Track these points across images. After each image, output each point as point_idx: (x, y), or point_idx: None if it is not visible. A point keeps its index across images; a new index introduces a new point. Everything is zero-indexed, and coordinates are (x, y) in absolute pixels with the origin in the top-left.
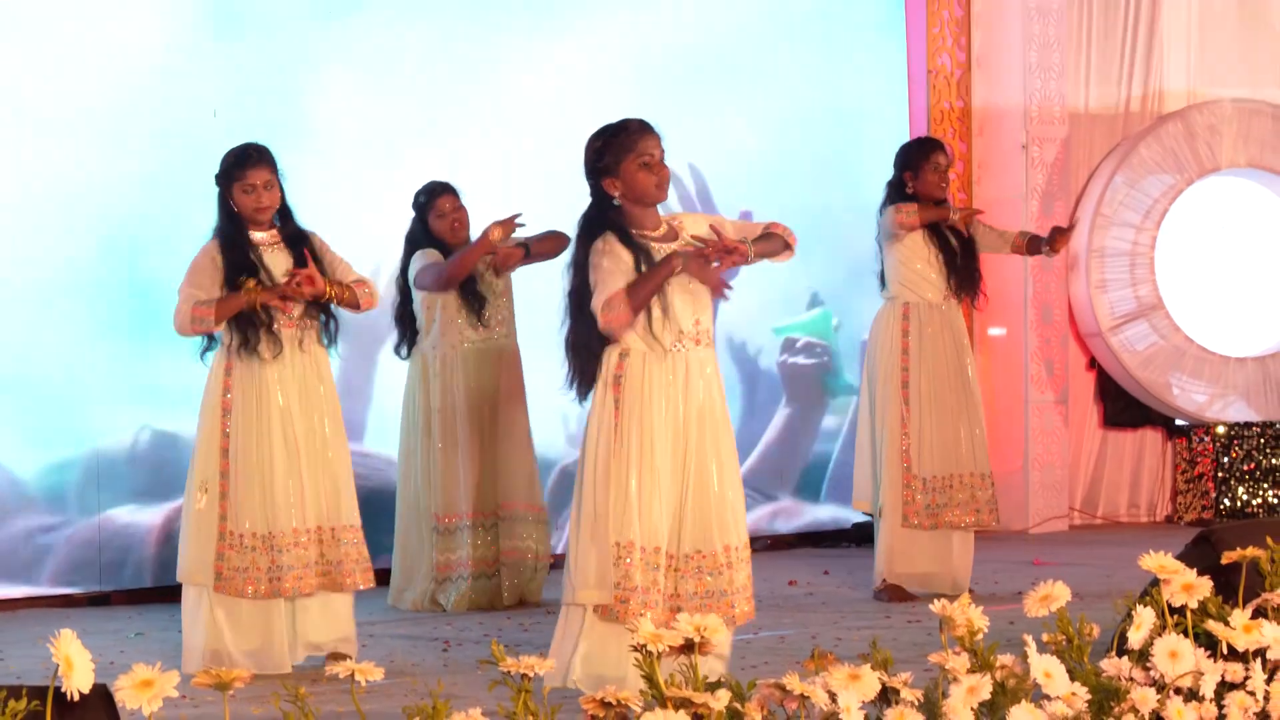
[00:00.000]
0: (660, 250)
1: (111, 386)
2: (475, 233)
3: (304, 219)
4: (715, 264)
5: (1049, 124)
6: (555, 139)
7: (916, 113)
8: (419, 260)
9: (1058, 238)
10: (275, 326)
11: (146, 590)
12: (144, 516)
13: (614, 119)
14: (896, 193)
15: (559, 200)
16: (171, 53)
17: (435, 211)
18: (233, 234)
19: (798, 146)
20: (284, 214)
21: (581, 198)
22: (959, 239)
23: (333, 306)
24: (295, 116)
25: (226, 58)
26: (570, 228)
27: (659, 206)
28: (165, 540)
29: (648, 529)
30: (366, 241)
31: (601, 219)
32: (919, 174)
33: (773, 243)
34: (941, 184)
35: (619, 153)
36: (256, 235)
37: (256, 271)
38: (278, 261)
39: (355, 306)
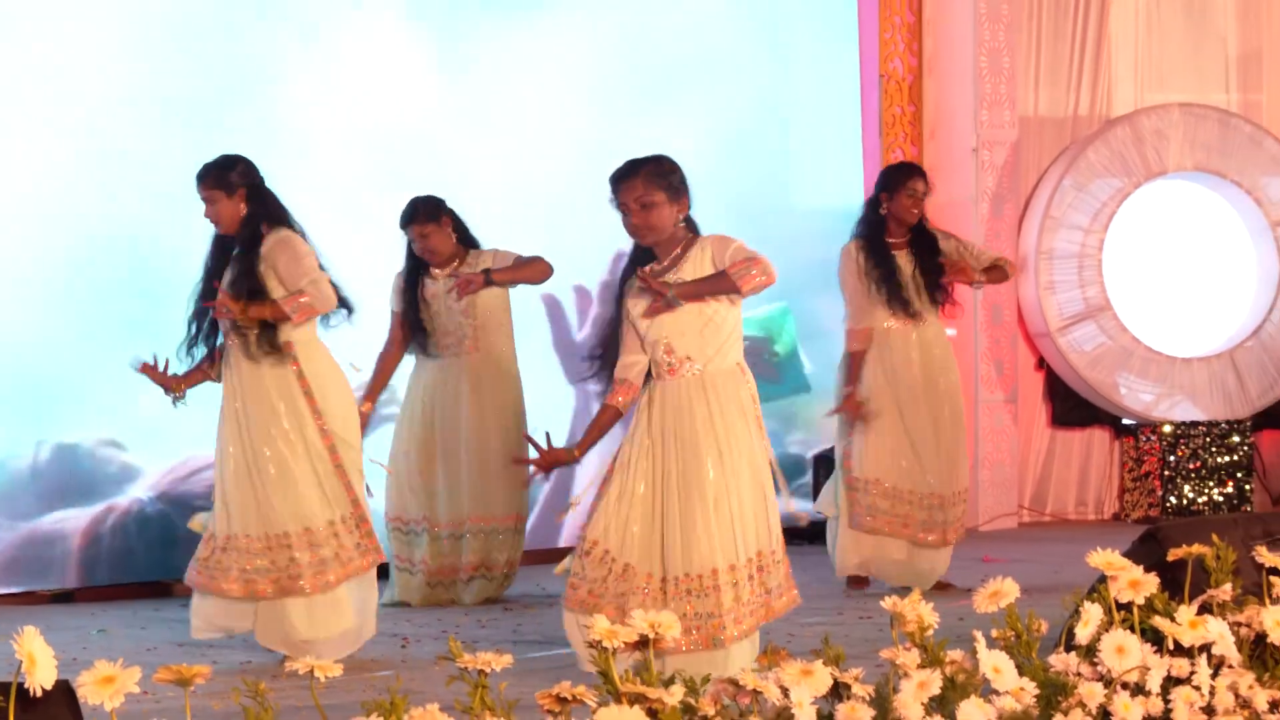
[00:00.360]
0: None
1: (75, 384)
2: (481, 236)
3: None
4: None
5: (999, 128)
6: (505, 141)
7: (869, 117)
8: (391, 291)
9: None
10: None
11: (110, 588)
12: (108, 514)
13: (570, 126)
14: (872, 211)
15: (517, 200)
16: (167, 53)
17: (410, 236)
18: (207, 253)
19: (751, 149)
20: (245, 222)
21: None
22: (921, 258)
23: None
24: (286, 116)
25: (220, 57)
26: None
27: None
28: (127, 538)
29: (616, 537)
30: (357, 240)
31: (635, 253)
32: (894, 196)
33: (714, 283)
34: (914, 209)
35: (615, 204)
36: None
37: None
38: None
39: (286, 319)
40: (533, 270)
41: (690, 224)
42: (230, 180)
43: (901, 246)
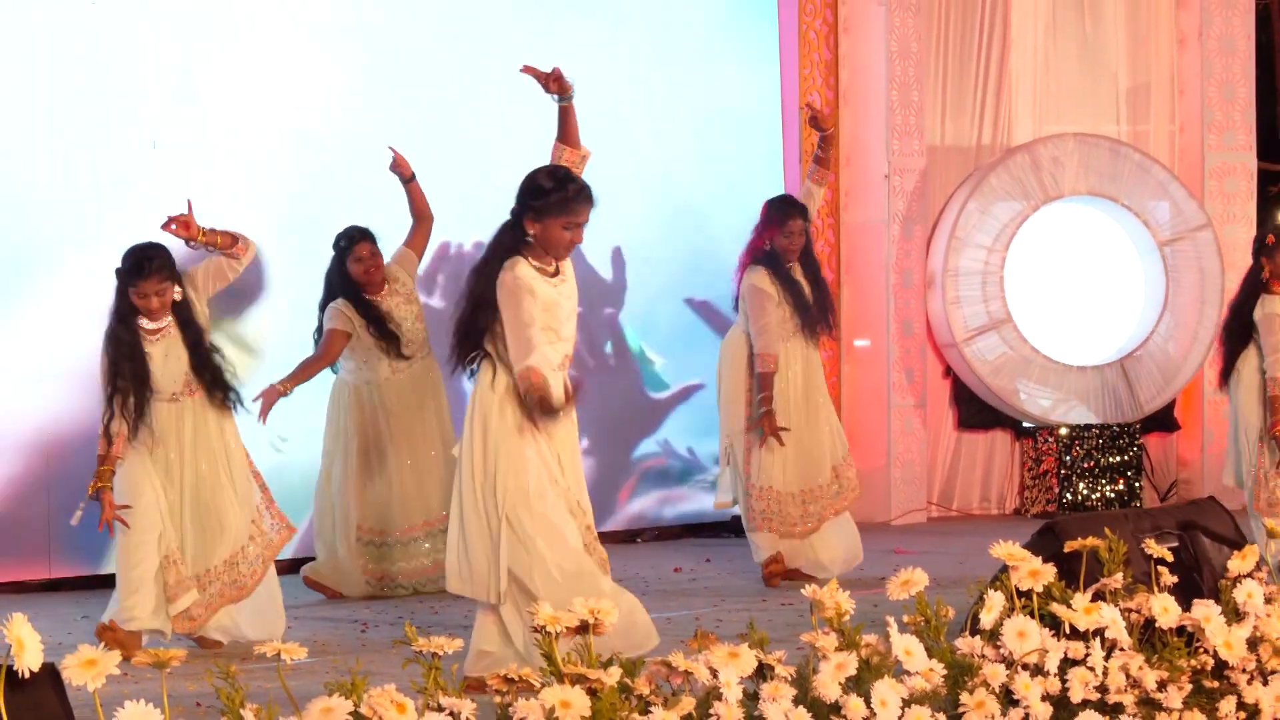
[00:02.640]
0: (552, 285)
1: (64, 376)
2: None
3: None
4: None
5: (909, 156)
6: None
7: (790, 147)
8: (329, 317)
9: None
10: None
11: (94, 577)
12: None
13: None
14: (756, 246)
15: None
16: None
17: (354, 256)
18: (118, 330)
19: (681, 177)
20: (179, 307)
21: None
22: (810, 275)
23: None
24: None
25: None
26: None
27: None
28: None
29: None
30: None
31: (514, 244)
32: (776, 238)
33: None
34: (793, 247)
35: (554, 206)
36: (147, 325)
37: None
38: (159, 351)
39: (231, 247)
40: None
41: None
42: (175, 269)
43: (793, 266)
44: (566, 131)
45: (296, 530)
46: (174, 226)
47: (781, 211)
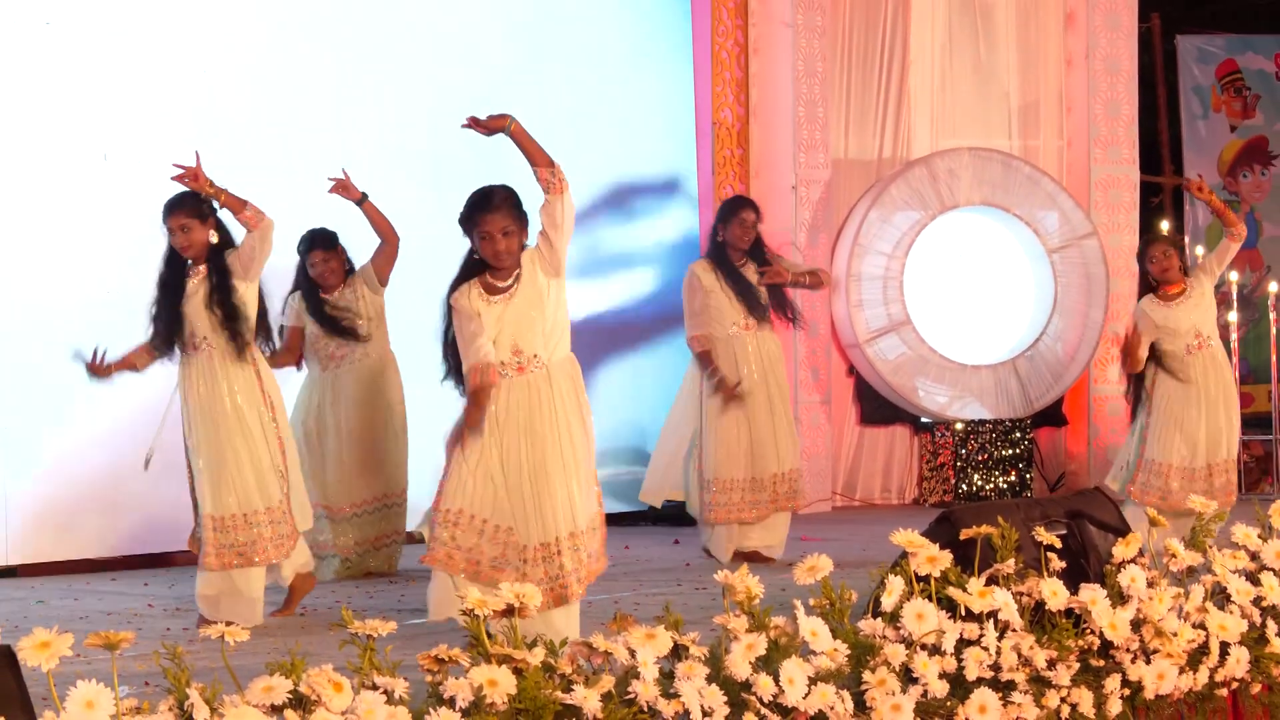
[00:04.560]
0: (499, 303)
1: (13, 371)
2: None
3: None
4: None
5: (814, 168)
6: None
7: (703, 159)
8: (285, 309)
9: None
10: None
11: (49, 564)
12: (47, 494)
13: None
14: (710, 241)
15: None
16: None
17: (310, 260)
18: (168, 257)
19: (603, 188)
20: (215, 254)
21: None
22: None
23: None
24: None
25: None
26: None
27: None
28: (67, 516)
29: (484, 503)
30: None
31: (469, 266)
32: (728, 226)
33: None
34: (744, 236)
35: (469, 221)
36: (191, 265)
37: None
38: (191, 288)
39: (240, 211)
40: (390, 232)
41: (523, 248)
42: (203, 209)
43: (744, 263)
44: (527, 154)
45: (299, 536)
46: (186, 179)
47: (733, 203)
